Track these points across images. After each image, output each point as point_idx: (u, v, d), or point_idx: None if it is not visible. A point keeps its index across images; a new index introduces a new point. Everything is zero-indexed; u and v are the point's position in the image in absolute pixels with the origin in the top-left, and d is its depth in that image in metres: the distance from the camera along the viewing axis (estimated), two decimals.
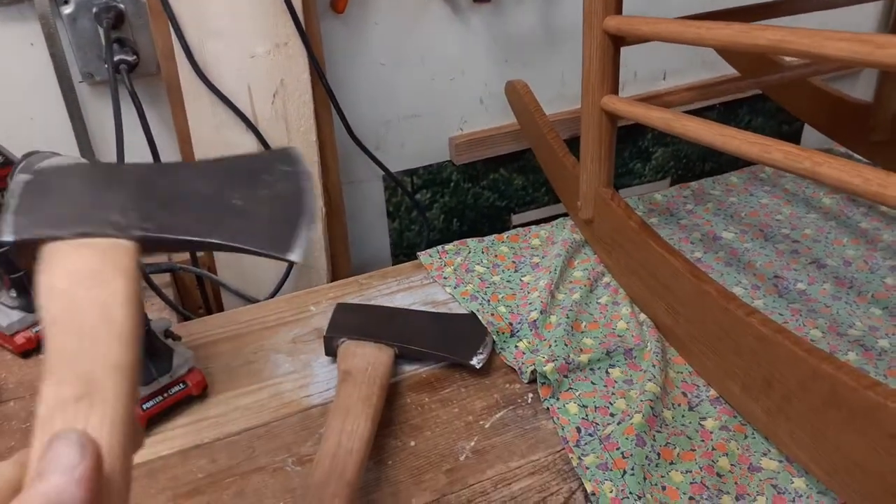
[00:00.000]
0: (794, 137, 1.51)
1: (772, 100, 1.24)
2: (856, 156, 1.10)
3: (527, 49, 1.21)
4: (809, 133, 1.46)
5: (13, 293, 0.79)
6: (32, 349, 0.79)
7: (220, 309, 1.07)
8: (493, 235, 0.99)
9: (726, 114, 1.42)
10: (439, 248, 0.95)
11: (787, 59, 1.08)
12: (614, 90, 0.83)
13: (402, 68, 1.14)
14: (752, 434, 0.65)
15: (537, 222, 1.37)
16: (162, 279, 0.99)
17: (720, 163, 1.46)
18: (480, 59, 1.19)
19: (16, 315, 0.79)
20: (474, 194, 1.30)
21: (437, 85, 1.18)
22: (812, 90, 1.09)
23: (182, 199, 0.37)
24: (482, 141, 1.24)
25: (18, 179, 0.36)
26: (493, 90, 1.22)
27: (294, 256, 0.37)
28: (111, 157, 0.96)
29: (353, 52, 1.09)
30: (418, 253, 0.95)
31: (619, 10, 0.79)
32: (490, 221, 1.34)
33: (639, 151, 1.39)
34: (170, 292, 0.98)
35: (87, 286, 0.31)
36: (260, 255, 0.37)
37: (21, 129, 0.96)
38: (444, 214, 1.29)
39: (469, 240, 0.97)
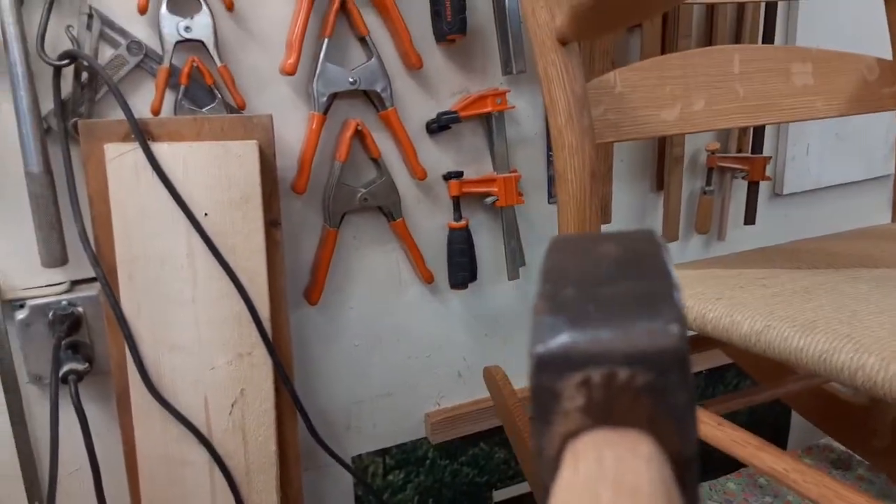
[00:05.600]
0: (784, 416, 1.44)
1: None
2: (855, 457, 1.03)
3: (507, 323, 1.18)
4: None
5: None
6: None
7: None
8: None
9: (712, 378, 1.37)
10: None
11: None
12: None
13: (377, 348, 1.09)
14: None
15: (521, 498, 1.28)
16: None
17: None
18: (459, 335, 1.15)
19: None
20: (452, 472, 1.21)
21: (412, 362, 1.13)
22: (809, 386, 1.04)
23: None
24: (460, 417, 1.17)
25: None
26: (472, 363, 1.17)
27: None
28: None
29: (327, 336, 1.05)
30: None
31: None
32: (470, 500, 1.23)
33: None
34: None
35: None
36: None
37: None
38: (419, 495, 1.19)
39: None
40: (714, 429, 0.53)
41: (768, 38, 1.19)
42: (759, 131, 1.20)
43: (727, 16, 1.15)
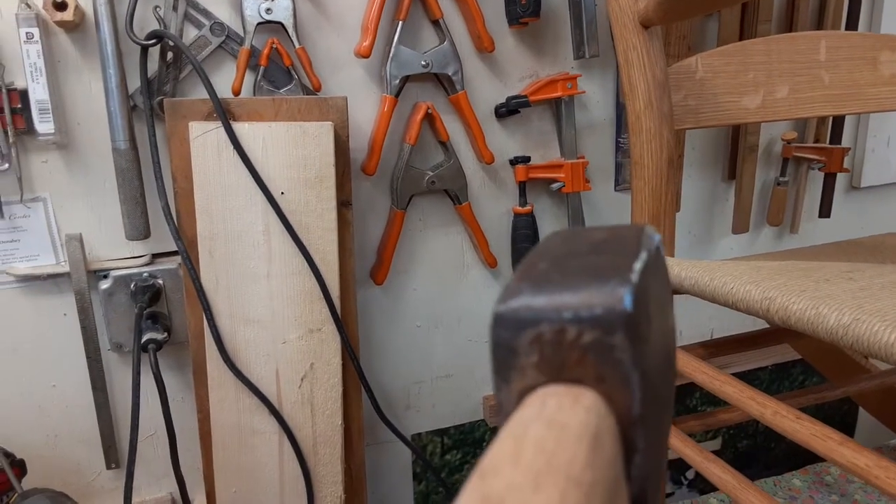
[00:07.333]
0: (851, 414, 1.40)
1: None
2: None
3: None
4: None
5: None
6: None
7: None
8: None
9: (778, 374, 1.34)
10: None
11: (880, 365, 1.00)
12: None
13: (439, 330, 1.10)
14: None
15: None
16: None
17: None
18: None
19: None
20: None
21: (472, 345, 1.14)
22: (883, 385, 1.00)
23: None
24: None
25: None
26: None
27: None
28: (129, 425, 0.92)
29: (390, 316, 1.07)
30: None
31: None
32: None
33: (687, 410, 1.30)
34: None
35: None
36: None
37: (41, 396, 0.93)
38: None
39: None
40: (793, 422, 0.52)
41: (852, 24, 1.14)
42: (838, 121, 1.16)
43: (809, 1, 1.11)
